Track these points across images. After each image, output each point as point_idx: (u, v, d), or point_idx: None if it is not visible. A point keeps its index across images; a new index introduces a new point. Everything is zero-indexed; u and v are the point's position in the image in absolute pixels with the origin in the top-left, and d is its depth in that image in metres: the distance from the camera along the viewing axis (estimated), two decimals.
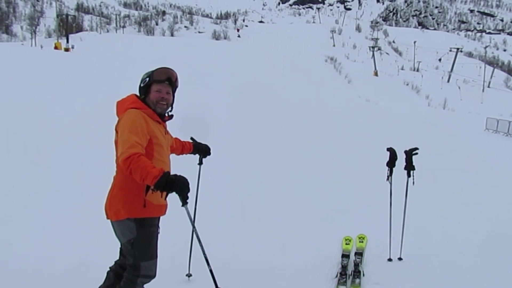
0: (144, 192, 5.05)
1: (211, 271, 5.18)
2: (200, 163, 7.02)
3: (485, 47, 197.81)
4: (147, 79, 5.33)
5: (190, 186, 4.79)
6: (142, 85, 5.36)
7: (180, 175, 4.75)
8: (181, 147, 6.51)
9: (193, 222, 5.26)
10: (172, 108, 5.59)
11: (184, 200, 4.77)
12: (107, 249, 6.28)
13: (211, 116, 20.50)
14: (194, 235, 5.40)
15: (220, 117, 20.99)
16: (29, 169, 12.39)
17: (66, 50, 68.75)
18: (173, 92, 5.51)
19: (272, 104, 25.62)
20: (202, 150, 6.83)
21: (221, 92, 27.27)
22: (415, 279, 7.61)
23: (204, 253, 5.15)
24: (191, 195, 5.03)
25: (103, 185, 5.50)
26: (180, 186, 4.69)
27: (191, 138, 6.88)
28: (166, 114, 5.55)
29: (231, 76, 36.89)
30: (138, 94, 5.40)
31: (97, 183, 7.20)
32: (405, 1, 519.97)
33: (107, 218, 5.27)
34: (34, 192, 10.98)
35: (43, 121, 16.39)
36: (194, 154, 6.83)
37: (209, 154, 6.93)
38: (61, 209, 10.10)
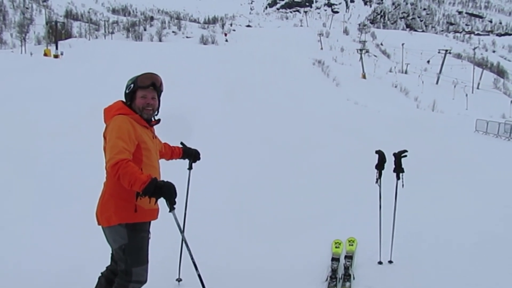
0: (135, 197, 5.03)
1: (199, 276, 5.17)
2: (190, 168, 6.99)
3: (474, 49, 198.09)
4: (132, 85, 5.31)
5: (177, 191, 4.80)
6: (127, 91, 5.35)
7: (167, 181, 4.77)
8: (170, 152, 6.48)
9: (180, 228, 5.23)
10: (158, 112, 5.58)
11: (172, 206, 4.77)
12: (99, 255, 6.27)
13: (201, 120, 20.51)
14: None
15: (210, 121, 21.00)
16: (19, 177, 12.37)
17: (56, 56, 68.99)
18: (159, 96, 5.50)
19: (261, 109, 25.67)
20: (191, 155, 6.80)
21: (210, 97, 27.30)
22: (405, 282, 7.61)
23: (192, 258, 5.14)
24: (181, 200, 5.04)
25: (94, 191, 5.50)
26: (168, 191, 4.70)
27: (181, 143, 6.87)
28: (153, 119, 5.53)
29: (219, 81, 36.99)
30: (124, 100, 5.41)
31: (87, 189, 7.21)
32: (393, 4, 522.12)
33: (98, 224, 5.27)
34: (25, 199, 10.96)
35: (33, 128, 16.37)
36: (184, 159, 6.79)
37: (199, 159, 6.90)
38: (52, 216, 10.08)
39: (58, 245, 8.53)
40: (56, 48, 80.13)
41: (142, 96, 5.29)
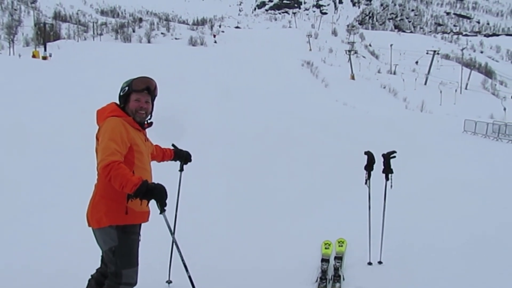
0: (126, 199, 5.02)
1: (190, 277, 5.19)
2: (181, 169, 7.00)
3: (462, 49, 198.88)
4: (126, 88, 5.33)
5: (168, 193, 4.82)
6: (121, 94, 5.37)
7: (158, 183, 4.80)
8: (161, 154, 6.48)
9: (171, 229, 5.23)
10: (151, 116, 5.60)
11: (162, 208, 4.78)
12: (89, 257, 6.26)
13: (191, 122, 20.45)
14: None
15: (200, 123, 20.94)
16: (9, 178, 12.31)
17: (44, 58, 68.70)
18: (152, 100, 5.52)
19: (250, 110, 25.59)
20: (183, 157, 6.81)
21: (200, 98, 27.20)
22: (395, 282, 7.64)
23: (182, 260, 5.15)
24: (172, 201, 5.04)
25: (85, 193, 5.50)
26: (158, 193, 4.72)
27: (172, 145, 6.88)
28: (146, 122, 5.55)
29: (209, 82, 36.85)
30: (118, 102, 5.42)
31: (78, 191, 7.20)
32: (381, 5, 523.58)
33: (89, 225, 5.26)
34: (15, 201, 10.91)
35: (22, 130, 16.29)
36: (175, 161, 6.80)
37: (190, 160, 6.90)
38: (42, 217, 10.04)
39: (48, 247, 8.49)
40: (45, 49, 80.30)
41: (136, 99, 5.31)
